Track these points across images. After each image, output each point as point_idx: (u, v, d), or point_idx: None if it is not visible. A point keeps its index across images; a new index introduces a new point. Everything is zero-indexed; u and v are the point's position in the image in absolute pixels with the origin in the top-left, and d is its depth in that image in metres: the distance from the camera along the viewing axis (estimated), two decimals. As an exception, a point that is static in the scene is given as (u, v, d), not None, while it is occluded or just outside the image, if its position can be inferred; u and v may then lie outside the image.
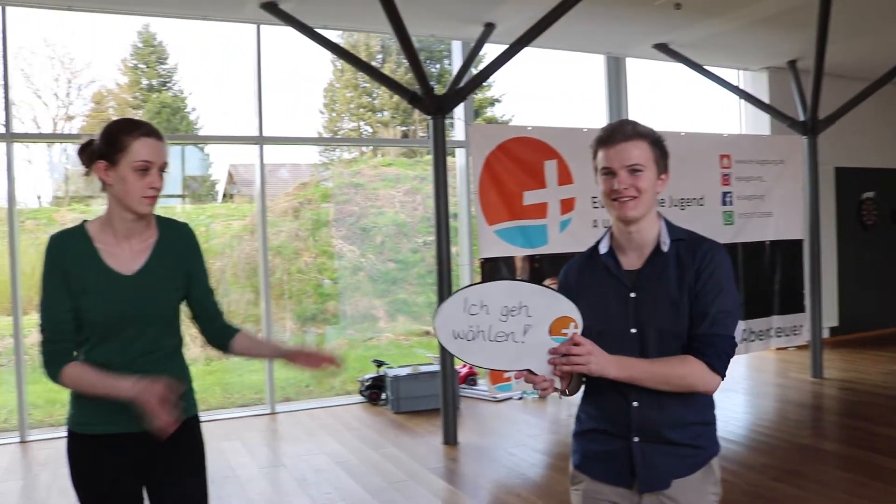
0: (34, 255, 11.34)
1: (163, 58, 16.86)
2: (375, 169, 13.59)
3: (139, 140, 2.16)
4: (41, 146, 14.15)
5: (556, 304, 2.02)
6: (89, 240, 2.22)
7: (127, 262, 2.22)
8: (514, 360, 2.04)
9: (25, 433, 6.57)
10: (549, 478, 5.19)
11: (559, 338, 2.00)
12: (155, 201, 2.21)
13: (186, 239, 2.37)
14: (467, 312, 2.03)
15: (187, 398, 2.35)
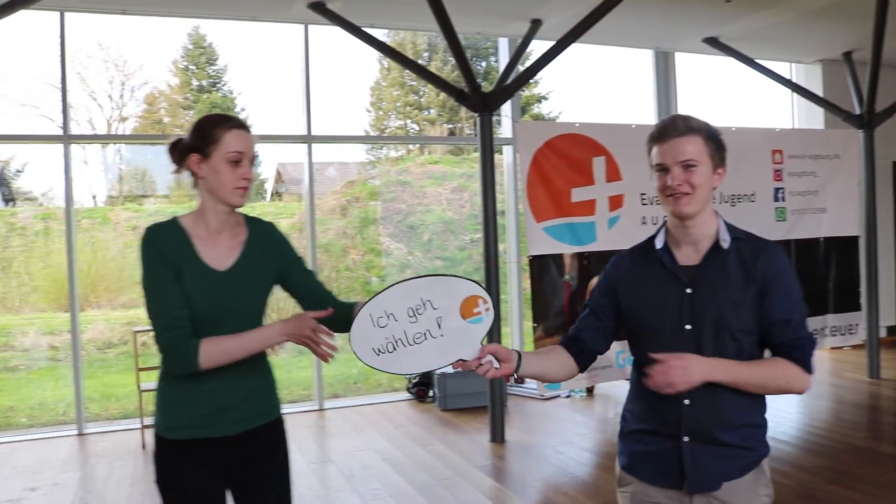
0: (89, 254, 11.67)
1: (212, 59, 17.17)
2: (422, 167, 13.64)
3: (231, 132, 2.18)
4: (96, 147, 14.52)
5: (454, 288, 2.01)
6: (185, 233, 2.22)
7: (220, 258, 2.22)
8: (442, 355, 2.02)
9: (83, 426, 6.74)
10: (597, 477, 5.16)
11: (475, 319, 2.01)
12: (246, 192, 2.22)
13: (273, 235, 2.38)
14: (377, 326, 2.00)
15: (271, 399, 2.36)
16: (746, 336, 1.99)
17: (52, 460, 5.94)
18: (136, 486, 5.17)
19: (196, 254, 2.19)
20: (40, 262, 12.59)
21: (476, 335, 2.03)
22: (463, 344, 2.01)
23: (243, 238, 2.28)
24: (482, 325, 2.03)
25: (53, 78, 13.43)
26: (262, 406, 2.31)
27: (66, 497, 5.06)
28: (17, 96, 14.52)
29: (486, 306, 2.02)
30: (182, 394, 2.20)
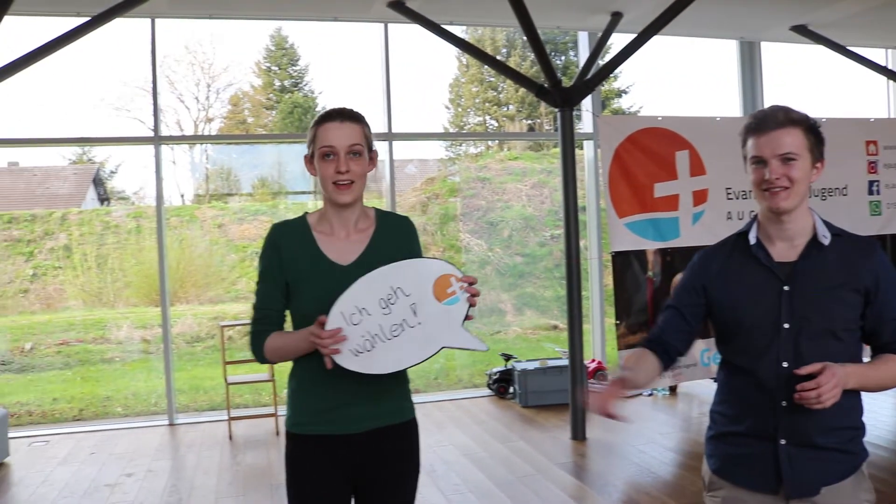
0: (178, 251, 12.06)
1: (294, 59, 17.49)
2: (502, 163, 13.61)
3: (322, 126, 2.13)
4: (183, 147, 14.97)
5: (423, 269, 1.92)
6: (308, 228, 2.20)
7: (343, 253, 2.16)
8: (424, 345, 1.92)
9: (173, 416, 6.98)
10: (681, 477, 5.06)
11: (451, 300, 1.90)
12: (348, 187, 2.12)
13: (404, 230, 2.26)
14: (351, 324, 1.90)
15: (399, 400, 2.25)
16: (851, 335, 1.92)
17: (145, 448, 6.17)
18: (223, 476, 5.33)
19: (318, 249, 2.17)
20: (133, 258, 13.08)
21: (456, 317, 1.93)
22: (444, 329, 1.91)
23: (370, 232, 2.21)
24: (460, 304, 1.93)
25: (144, 82, 13.93)
26: (389, 406, 2.21)
27: (158, 483, 5.25)
28: (112, 100, 15.13)
29: (459, 284, 1.91)
30: (303, 389, 2.20)
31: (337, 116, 2.14)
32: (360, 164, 2.14)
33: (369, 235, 2.20)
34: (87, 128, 17.93)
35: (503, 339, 10.92)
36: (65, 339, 11.54)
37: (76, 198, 15.75)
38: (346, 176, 2.11)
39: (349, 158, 2.12)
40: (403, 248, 2.20)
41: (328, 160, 2.12)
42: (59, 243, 13.29)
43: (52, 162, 16.83)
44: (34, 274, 13.06)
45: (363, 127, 2.17)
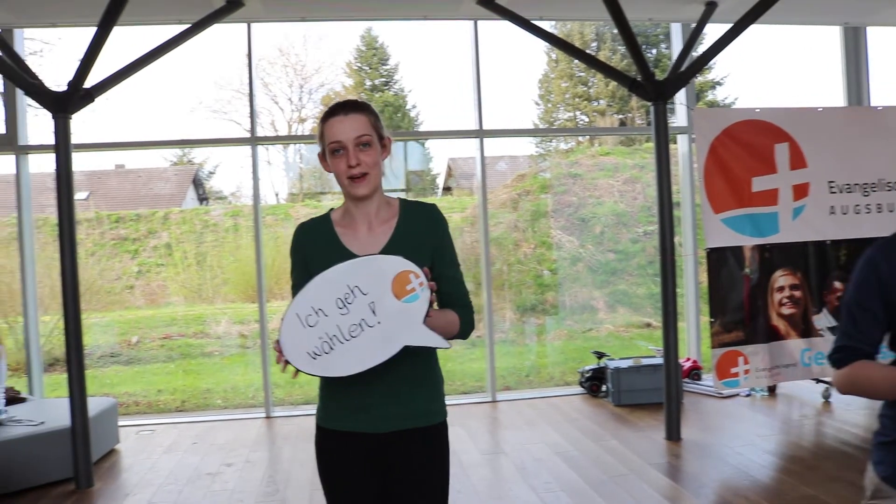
0: (273, 248, 12.36)
1: (384, 59, 17.70)
2: (593, 158, 13.43)
3: (328, 122, 2.12)
4: (277, 147, 15.34)
5: (381, 267, 1.85)
6: (331, 224, 2.20)
7: (366, 246, 2.13)
8: (384, 345, 1.85)
9: (270, 409, 7.17)
10: (781, 481, 4.89)
11: (410, 297, 1.83)
12: (362, 180, 2.10)
13: (430, 218, 2.20)
14: (308, 326, 1.84)
15: (429, 403, 2.21)
16: None
17: (243, 440, 6.36)
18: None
19: (341, 244, 2.15)
20: (230, 256, 13.49)
21: (415, 315, 1.86)
22: (404, 327, 1.85)
23: (394, 223, 2.17)
24: (419, 302, 1.86)
25: (240, 85, 14.34)
26: (416, 408, 2.17)
27: (256, 474, 5.41)
28: (209, 103, 15.62)
29: (418, 280, 1.85)
30: (332, 385, 2.18)
31: (340, 110, 2.13)
32: (371, 155, 2.11)
33: (393, 226, 2.17)
34: (187, 130, 18.58)
35: (595, 336, 10.78)
36: (168, 333, 12.01)
37: (177, 198, 16.36)
38: (358, 169, 2.09)
39: (359, 150, 2.09)
40: (430, 236, 2.18)
41: (338, 155, 2.10)
42: (162, 241, 13.83)
43: (155, 164, 17.52)
44: (139, 271, 13.63)
45: (369, 116, 2.14)
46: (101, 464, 5.85)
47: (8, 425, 5.51)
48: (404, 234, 2.16)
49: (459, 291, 2.21)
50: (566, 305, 11.45)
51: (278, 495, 4.95)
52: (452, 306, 2.18)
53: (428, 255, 2.16)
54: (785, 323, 6.06)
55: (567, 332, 11.00)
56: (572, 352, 10.16)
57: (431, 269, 2.12)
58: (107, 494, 5.17)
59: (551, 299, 11.44)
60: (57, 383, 8.41)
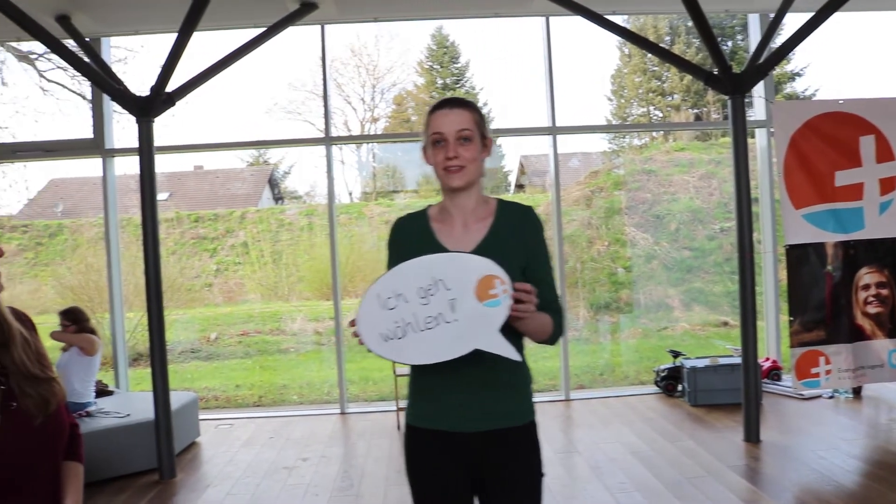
0: (347, 246, 12.54)
1: (455, 57, 17.76)
2: (668, 154, 13.20)
3: (432, 115, 2.15)
4: (350, 147, 15.55)
5: (469, 266, 1.82)
6: (427, 220, 2.21)
7: (460, 243, 2.13)
8: (456, 343, 1.83)
9: (345, 406, 7.28)
10: (867, 487, 4.71)
11: (492, 302, 1.80)
12: (459, 172, 2.12)
13: (526, 220, 2.19)
14: (385, 308, 1.84)
15: (517, 402, 2.18)
16: None
17: (319, 435, 6.47)
18: (392, 464, 5.50)
19: (435, 239, 2.16)
20: (305, 254, 13.73)
21: (494, 321, 1.85)
22: (480, 330, 1.84)
23: (489, 222, 2.17)
24: (500, 308, 1.84)
25: (314, 86, 14.57)
26: (504, 408, 2.14)
27: (331, 469, 5.50)
28: (284, 104, 15.92)
29: (503, 287, 1.82)
30: (420, 384, 2.20)
31: (447, 104, 2.15)
32: (470, 150, 2.13)
33: (488, 225, 2.16)
34: (263, 132, 18.96)
35: (670, 335, 10.60)
36: (245, 329, 12.30)
37: (253, 197, 16.73)
38: (456, 161, 2.11)
39: (458, 144, 2.11)
40: (524, 238, 2.16)
41: (439, 147, 2.14)
42: (239, 240, 14.16)
43: (232, 165, 17.96)
44: (217, 269, 13.99)
45: (473, 113, 2.16)
46: (182, 456, 6.03)
47: (97, 416, 5.75)
48: (499, 233, 2.15)
49: (551, 295, 2.18)
50: (640, 303, 11.28)
51: (353, 490, 5.01)
52: (544, 310, 2.12)
53: (521, 256, 2.15)
54: (871, 322, 5.85)
55: (641, 330, 10.85)
56: (647, 350, 10.01)
57: (524, 271, 2.13)
58: (188, 485, 5.33)
59: (625, 297, 11.30)
60: (140, 377, 8.71)
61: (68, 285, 11.97)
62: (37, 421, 1.58)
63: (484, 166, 2.21)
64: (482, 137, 2.18)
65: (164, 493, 5.18)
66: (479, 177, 2.19)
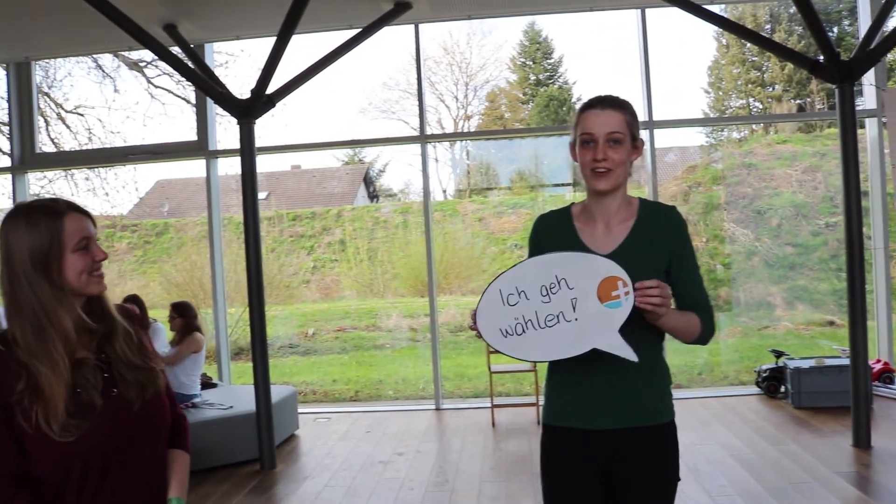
0: (441, 244, 12.62)
1: (548, 52, 17.63)
2: (769, 147, 12.76)
3: (584, 113, 2.12)
4: (444, 144, 15.63)
5: (593, 266, 1.80)
6: (571, 219, 2.19)
7: (603, 243, 2.10)
8: (575, 341, 1.82)
9: (439, 402, 7.33)
10: None
11: (613, 303, 1.79)
12: (606, 175, 2.08)
13: (668, 220, 2.13)
14: (507, 304, 1.84)
15: (654, 401, 2.14)
16: None
17: (414, 430, 6.55)
18: (486, 461, 5.51)
19: (578, 239, 2.14)
20: (400, 251, 13.90)
21: (614, 322, 1.84)
22: (599, 331, 1.83)
23: (631, 223, 2.13)
24: (621, 310, 1.83)
25: (408, 84, 14.73)
26: (642, 406, 2.11)
27: (426, 464, 5.55)
28: (378, 103, 16.16)
29: (625, 289, 1.82)
30: (558, 382, 2.18)
31: (598, 104, 2.11)
32: (620, 153, 2.08)
33: (629, 227, 2.13)
34: (357, 131, 19.28)
35: (772, 334, 10.25)
36: (341, 325, 12.54)
37: (349, 196, 17.05)
38: (604, 164, 2.07)
39: (608, 146, 2.07)
40: (666, 239, 2.11)
41: (587, 147, 2.09)
42: (335, 238, 14.45)
43: (328, 164, 18.35)
44: (314, 266, 14.31)
45: (626, 115, 2.10)
46: (282, 447, 6.20)
47: (202, 408, 5.97)
48: (641, 234, 2.12)
49: (699, 294, 2.15)
50: (741, 301, 10.96)
51: (447, 486, 5.05)
52: (694, 310, 2.12)
53: (664, 257, 2.11)
54: None
55: (742, 329, 10.54)
56: (747, 350, 9.71)
57: (668, 273, 2.12)
58: (288, 476, 5.48)
59: (725, 295, 10.99)
60: (242, 371, 8.99)
61: (174, 282, 12.48)
62: (135, 407, 1.71)
63: (630, 168, 2.17)
64: (633, 139, 2.13)
65: (264, 483, 5.34)
66: (626, 179, 2.14)
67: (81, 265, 1.67)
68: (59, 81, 12.29)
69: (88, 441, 1.60)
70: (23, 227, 1.64)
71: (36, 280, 1.63)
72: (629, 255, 2.05)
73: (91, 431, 1.61)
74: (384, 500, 4.88)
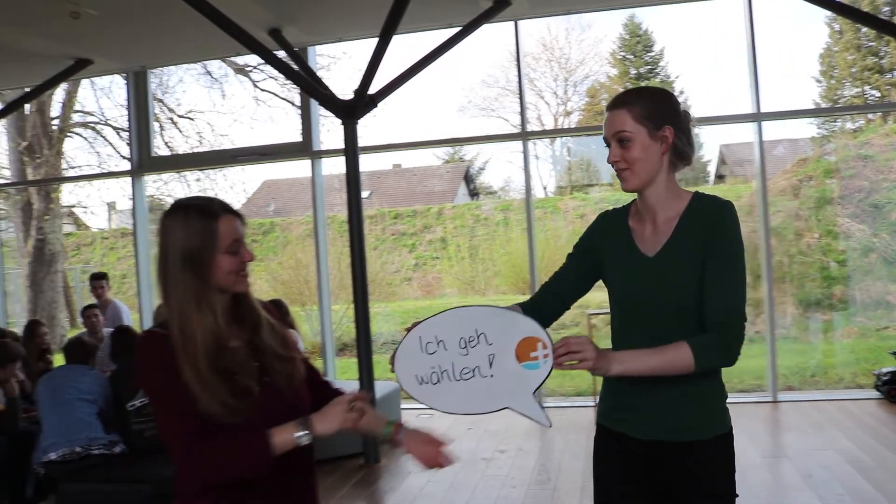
0: (542, 241, 12.57)
1: (649, 45, 17.32)
2: (887, 137, 12.14)
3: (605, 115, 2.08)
4: (544, 141, 15.58)
5: (513, 324, 1.74)
6: (627, 217, 2.11)
7: (650, 243, 2.02)
8: (488, 398, 1.77)
9: (542, 400, 7.30)
10: None
11: (530, 364, 1.73)
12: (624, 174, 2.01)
13: (713, 218, 1.97)
14: (425, 352, 1.79)
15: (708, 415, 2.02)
16: None
17: (515, 428, 6.54)
18: (589, 461, 5.40)
19: (630, 238, 2.07)
20: (501, 249, 13.91)
21: (530, 383, 1.78)
22: (513, 391, 1.78)
23: (676, 221, 2.01)
24: (538, 372, 1.77)
25: (507, 82, 14.72)
26: (681, 421, 1.99)
27: (528, 462, 5.54)
28: (477, 101, 16.21)
29: (544, 352, 1.75)
30: (611, 382, 2.13)
31: (608, 106, 2.05)
32: (632, 150, 1.97)
33: (674, 225, 2.01)
34: (457, 129, 19.42)
35: (892, 334, 9.75)
36: (443, 323, 12.63)
37: (449, 194, 17.19)
38: (617, 165, 2.01)
39: (618, 147, 2.00)
40: (706, 238, 1.96)
41: (608, 151, 2.04)
42: (436, 236, 14.59)
43: (429, 162, 18.55)
44: (416, 264, 14.49)
45: (633, 110, 1.98)
46: (386, 443, 6.30)
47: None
48: (683, 233, 1.99)
49: (718, 301, 1.93)
50: (857, 300, 10.46)
51: (550, 484, 5.03)
52: (705, 321, 1.94)
53: (699, 258, 1.96)
54: None
55: (858, 329, 10.06)
56: (865, 351, 9.27)
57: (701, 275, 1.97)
58: (391, 471, 5.58)
59: (839, 293, 10.52)
60: (346, 366, 9.19)
61: (280, 279, 12.86)
62: (285, 394, 1.83)
63: (665, 159, 2.02)
64: (655, 129, 1.98)
65: (368, 477, 5.45)
66: (658, 172, 2.01)
67: (231, 266, 1.76)
68: (171, 88, 12.90)
69: (252, 425, 1.70)
70: (180, 225, 1.74)
71: (186, 277, 1.72)
72: (673, 256, 1.97)
73: (252, 416, 1.71)
74: (486, 496, 4.90)
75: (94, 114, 13.64)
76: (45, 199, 13.22)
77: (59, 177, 13.53)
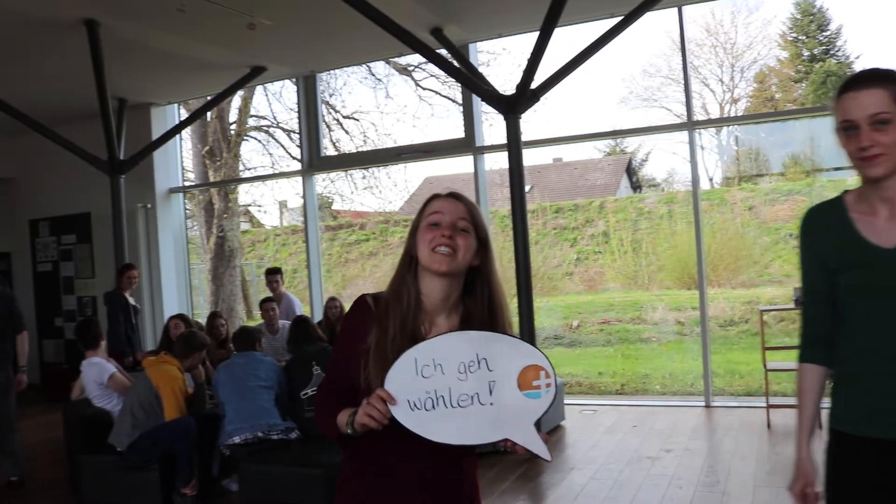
0: (708, 234, 12.13)
1: (823, 24, 16.23)
2: None
3: (839, 100, 1.86)
4: (710, 130, 14.99)
5: (517, 351, 1.66)
6: (845, 209, 1.93)
7: (884, 235, 1.85)
8: (487, 428, 1.64)
9: (709, 399, 7.05)
10: None
11: (533, 393, 1.62)
12: (875, 159, 1.78)
13: None
14: (421, 376, 1.65)
15: None
16: None
17: (682, 427, 6.35)
18: (762, 465, 5.20)
19: (854, 230, 1.88)
20: (665, 242, 13.54)
21: (531, 413, 1.66)
22: (514, 420, 1.66)
23: None
24: (540, 402, 1.66)
25: (669, 70, 14.27)
26: None
27: (695, 462, 5.36)
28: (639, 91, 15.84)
29: (547, 381, 1.64)
30: (851, 379, 1.92)
31: (854, 84, 1.82)
32: (890, 134, 1.77)
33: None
34: (618, 121, 19.04)
35: None
36: (605, 318, 12.48)
37: (611, 187, 16.91)
38: (871, 150, 1.78)
39: (873, 129, 1.77)
40: None
41: (851, 134, 1.81)
42: (598, 230, 14.41)
43: (590, 155, 18.31)
44: (577, 258, 14.38)
45: (889, 88, 1.78)
46: (548, 437, 6.29)
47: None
48: None
49: None
50: None
51: (719, 487, 4.84)
52: None
53: None
54: None
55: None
56: None
57: None
58: (554, 466, 5.56)
59: None
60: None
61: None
62: None
63: None
64: None
65: (531, 471, 5.47)
66: None
67: (428, 238, 1.76)
68: (337, 90, 13.46)
69: None
70: None
71: (406, 254, 1.82)
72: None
73: None
74: (652, 496, 4.80)
75: (266, 118, 14.47)
76: (224, 198, 14.15)
77: (237, 178, 14.41)
